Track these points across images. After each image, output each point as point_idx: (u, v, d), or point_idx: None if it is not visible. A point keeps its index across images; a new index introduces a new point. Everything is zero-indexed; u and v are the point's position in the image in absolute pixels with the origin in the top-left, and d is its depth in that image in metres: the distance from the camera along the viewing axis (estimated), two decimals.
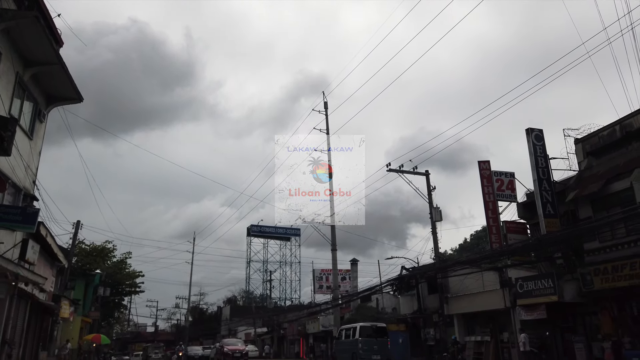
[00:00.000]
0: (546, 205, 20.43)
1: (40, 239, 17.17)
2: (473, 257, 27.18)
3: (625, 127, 18.91)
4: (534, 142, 21.33)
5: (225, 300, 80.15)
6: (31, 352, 19.66)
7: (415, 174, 28.76)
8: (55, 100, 16.95)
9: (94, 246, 44.64)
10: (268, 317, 54.29)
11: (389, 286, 30.71)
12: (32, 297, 17.57)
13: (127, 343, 73.27)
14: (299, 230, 67.33)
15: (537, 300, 19.71)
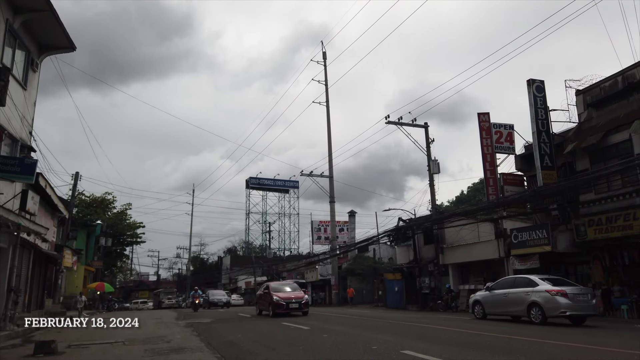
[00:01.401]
0: (544, 157, 20.46)
1: (40, 190, 17.28)
2: (469, 208, 27.49)
3: (627, 77, 18.65)
4: (534, 93, 21.09)
5: (225, 250, 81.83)
6: (37, 300, 20.23)
7: (414, 126, 28.66)
8: (48, 49, 16.58)
9: (93, 197, 45.04)
10: (267, 266, 55.51)
11: (386, 237, 31.29)
12: (35, 246, 17.88)
13: (131, 291, 75.15)
14: (297, 182, 67.75)
15: (531, 250, 20.13)
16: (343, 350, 8.49)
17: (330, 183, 36.95)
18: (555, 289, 14.20)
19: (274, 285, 20.83)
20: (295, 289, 20.22)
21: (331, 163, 37.45)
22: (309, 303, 20.09)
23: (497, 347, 8.56)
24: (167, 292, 52.76)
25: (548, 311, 13.88)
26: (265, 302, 19.63)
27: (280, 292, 19.37)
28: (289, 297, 18.75)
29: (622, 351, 7.95)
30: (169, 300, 48.46)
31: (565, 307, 13.67)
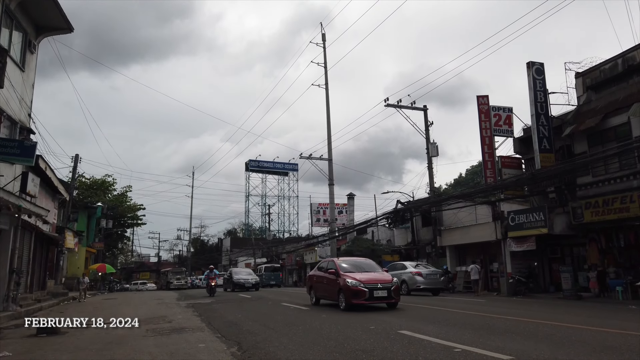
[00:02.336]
0: (542, 140, 20.50)
1: (40, 172, 17.34)
2: (467, 191, 27.63)
3: (627, 60, 18.56)
4: (534, 76, 21.02)
5: (225, 232, 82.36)
6: (39, 281, 20.46)
7: (413, 109, 28.60)
8: (45, 31, 16.48)
9: (94, 180, 45.10)
10: (267, 248, 55.89)
11: (384, 219, 31.47)
12: (36, 228, 18.02)
13: (132, 272, 75.76)
14: (297, 165, 67.77)
15: (528, 233, 20.30)
16: (342, 330, 8.65)
17: (329, 166, 36.94)
18: (415, 270, 20.84)
19: (344, 262, 14.12)
20: (375, 268, 14.13)
21: (330, 146, 37.39)
22: (399, 290, 13.43)
23: (497, 327, 8.73)
24: (176, 272, 49.18)
25: (410, 285, 20.42)
26: (329, 287, 13.45)
27: (356, 271, 13.11)
28: (373, 279, 12.47)
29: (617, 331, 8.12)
30: (178, 280, 45.49)
31: (420, 282, 20.47)
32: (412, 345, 6.78)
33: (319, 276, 14.53)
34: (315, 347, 6.86)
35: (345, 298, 12.28)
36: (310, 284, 15.30)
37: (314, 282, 14.89)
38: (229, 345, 7.39)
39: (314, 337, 7.94)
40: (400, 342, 7.12)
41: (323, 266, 14.72)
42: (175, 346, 7.38)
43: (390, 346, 6.77)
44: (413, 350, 6.37)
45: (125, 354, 6.82)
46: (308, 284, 15.78)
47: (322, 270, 14.46)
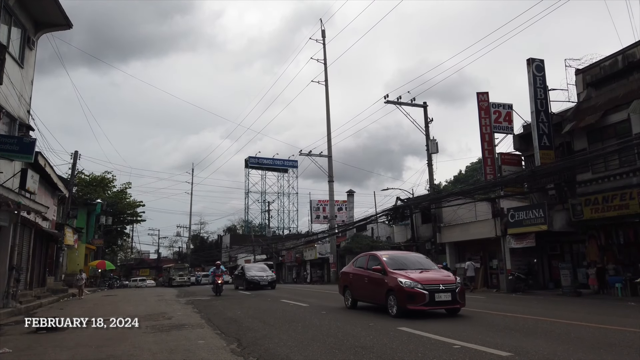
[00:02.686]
0: (542, 137, 20.48)
1: (40, 169, 17.32)
2: (467, 188, 27.64)
3: (627, 57, 18.53)
4: (534, 72, 20.99)
5: (225, 229, 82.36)
6: (38, 277, 20.46)
7: (413, 105, 28.57)
8: (44, 27, 16.43)
9: (93, 176, 45.10)
10: (267, 245, 55.92)
11: (384, 216, 31.50)
12: (36, 225, 18.01)
13: (132, 269, 75.86)
14: (296, 162, 67.80)
15: (528, 230, 20.31)
16: (341, 327, 8.67)
17: (329, 163, 37.00)
18: None
19: (390, 257, 11.44)
20: (430, 265, 11.34)
21: (330, 143, 37.44)
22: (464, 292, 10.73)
23: (496, 323, 8.74)
24: (179, 269, 47.18)
25: None
26: (372, 287, 11.02)
27: (407, 269, 10.57)
28: (432, 279, 9.99)
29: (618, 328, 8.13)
30: (181, 277, 43.80)
31: None
32: (411, 342, 6.79)
33: (356, 274, 12.04)
34: (314, 344, 6.88)
35: (397, 302, 9.82)
36: (345, 283, 12.68)
37: (350, 281, 12.30)
38: (229, 341, 7.40)
39: (314, 333, 7.95)
40: (400, 338, 7.14)
41: (361, 262, 12.25)
42: (175, 343, 7.39)
43: (389, 343, 6.79)
44: (412, 347, 6.38)
45: (125, 350, 6.82)
46: (341, 283, 13.13)
47: (360, 267, 12.06)
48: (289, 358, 5.92)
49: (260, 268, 27.30)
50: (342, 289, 12.95)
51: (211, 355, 6.31)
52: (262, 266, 28.65)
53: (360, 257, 12.80)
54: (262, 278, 24.93)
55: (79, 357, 6.33)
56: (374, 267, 11.06)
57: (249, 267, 26.80)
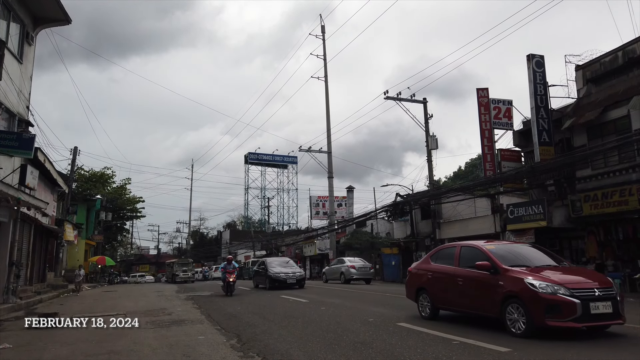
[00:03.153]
0: (542, 133, 20.46)
1: (39, 165, 17.31)
2: (466, 184, 27.65)
3: (628, 53, 18.49)
4: (534, 68, 20.95)
5: (225, 225, 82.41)
6: (38, 273, 20.50)
7: (412, 101, 28.53)
8: (43, 22, 16.39)
9: (93, 172, 45.10)
10: (266, 241, 55.99)
11: (383, 212, 31.51)
12: (36, 221, 18.02)
13: (132, 265, 75.97)
14: (296, 158, 67.75)
15: (527, 226, 20.32)
16: (341, 322, 8.69)
17: (328, 159, 36.98)
18: (350, 264, 25.99)
19: (498, 248, 8.39)
20: (559, 260, 8.43)
21: (329, 139, 37.41)
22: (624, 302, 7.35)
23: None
24: (182, 264, 43.73)
25: (347, 276, 25.41)
26: (472, 292, 8.06)
27: (532, 265, 7.70)
28: (581, 282, 6.99)
29: None
30: (185, 273, 41.23)
31: (354, 274, 25.46)
32: (410, 338, 6.82)
33: (440, 272, 8.86)
34: (314, 340, 6.90)
35: (528, 314, 6.69)
36: (420, 284, 9.40)
37: (429, 282, 9.10)
38: (229, 337, 7.42)
39: (313, 329, 7.97)
40: (399, 334, 7.16)
41: (449, 254, 8.97)
42: (174, 338, 7.41)
43: (388, 338, 6.81)
44: (412, 343, 6.40)
45: (125, 345, 6.85)
46: (413, 285, 9.71)
47: (446, 262, 8.87)
48: (289, 354, 5.94)
49: (285, 263, 23.09)
50: (414, 293, 9.61)
51: (211, 350, 6.33)
52: (286, 260, 24.07)
53: (445, 249, 9.60)
54: (288, 275, 20.89)
55: (79, 353, 6.35)
56: (481, 264, 7.71)
57: (271, 262, 22.63)
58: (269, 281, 20.77)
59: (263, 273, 21.86)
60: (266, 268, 21.47)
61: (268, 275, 20.94)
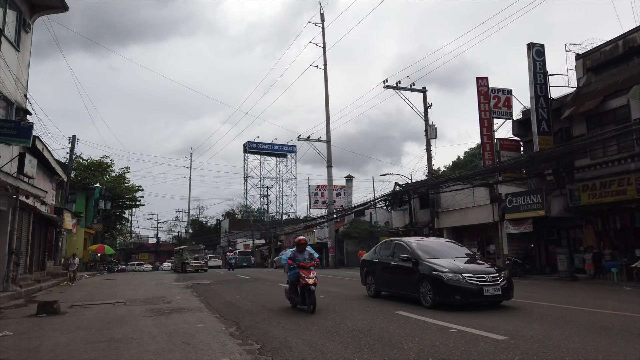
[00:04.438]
0: (541, 123, 20.43)
1: (37, 154, 17.28)
2: (465, 173, 27.66)
3: (628, 42, 18.40)
4: (534, 57, 20.85)
5: (224, 214, 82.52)
6: (38, 261, 20.56)
7: (412, 90, 28.43)
8: (40, 9, 16.24)
9: (91, 161, 45.04)
10: (265, 229, 56.12)
11: (382, 201, 31.57)
12: (34, 209, 18.03)
13: (131, 253, 76.22)
14: (295, 147, 67.74)
15: (525, 215, 20.39)
16: (339, 311, 8.75)
17: (327, 148, 36.95)
18: None
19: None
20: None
21: (329, 128, 37.34)
22: None
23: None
24: (193, 251, 36.28)
25: None
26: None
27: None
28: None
29: None
30: (196, 261, 33.89)
31: None
32: (408, 326, 6.87)
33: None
34: (312, 327, 6.95)
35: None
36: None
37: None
38: (228, 325, 7.47)
39: (312, 317, 8.03)
40: (397, 322, 7.21)
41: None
42: (174, 326, 7.46)
43: (387, 326, 6.86)
44: (409, 331, 6.45)
45: (125, 333, 6.89)
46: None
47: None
48: (288, 341, 5.99)
49: (455, 249, 10.60)
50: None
51: (210, 338, 6.37)
52: (455, 247, 10.85)
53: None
54: (483, 280, 8.69)
55: (79, 340, 6.39)
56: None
57: (426, 249, 10.10)
58: (433, 286, 8.86)
59: (410, 269, 9.62)
60: (418, 261, 9.48)
61: (430, 278, 9.00)
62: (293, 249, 9.65)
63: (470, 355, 4.96)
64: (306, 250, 9.39)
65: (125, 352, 5.62)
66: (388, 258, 10.63)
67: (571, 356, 4.86)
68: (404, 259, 9.69)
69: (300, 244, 9.38)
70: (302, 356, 5.18)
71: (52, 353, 5.69)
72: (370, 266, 11.49)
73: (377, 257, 11.31)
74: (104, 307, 10.54)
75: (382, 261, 10.91)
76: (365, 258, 12.25)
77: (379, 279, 10.93)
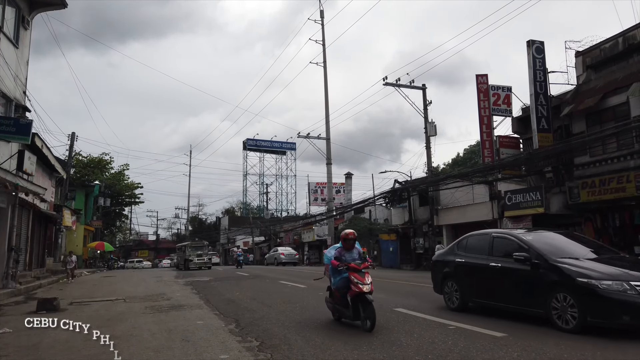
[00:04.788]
0: (541, 120, 20.42)
1: (37, 151, 17.26)
2: (465, 171, 27.67)
3: (628, 39, 18.36)
4: (534, 54, 20.82)
5: (223, 211, 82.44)
6: (37, 258, 20.56)
7: (411, 87, 28.41)
8: (39, 6, 16.21)
9: (91, 158, 45.02)
10: (265, 227, 56.13)
11: (381, 199, 31.58)
12: (34, 206, 18.03)
13: (131, 250, 76.21)
14: (295, 144, 67.62)
15: (524, 212, 20.40)
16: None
17: (327, 145, 36.92)
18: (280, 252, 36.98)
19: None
20: None
21: (328, 125, 37.30)
22: None
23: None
24: (196, 247, 33.86)
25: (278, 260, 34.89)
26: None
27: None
28: None
29: None
30: (200, 258, 31.87)
31: (283, 259, 35.84)
32: (407, 323, 6.89)
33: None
34: (312, 324, 6.97)
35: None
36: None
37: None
38: (227, 322, 7.49)
39: (311, 314, 8.05)
40: (396, 319, 7.24)
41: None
42: (173, 323, 7.47)
43: (386, 323, 6.88)
44: (409, 328, 6.47)
45: (125, 330, 6.90)
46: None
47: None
48: (287, 338, 6.01)
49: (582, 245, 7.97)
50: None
51: (210, 335, 6.39)
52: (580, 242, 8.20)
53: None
54: None
55: (78, 338, 6.38)
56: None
57: (551, 244, 7.40)
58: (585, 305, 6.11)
59: (517, 273, 7.25)
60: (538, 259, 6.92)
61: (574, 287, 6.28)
62: (337, 246, 7.59)
63: (469, 352, 4.98)
64: (355, 248, 7.42)
65: (125, 348, 5.64)
66: (483, 258, 7.92)
67: (569, 353, 4.88)
68: (518, 258, 7.00)
69: (348, 239, 7.32)
70: (301, 353, 5.19)
71: (52, 350, 5.71)
72: (451, 268, 8.70)
73: (462, 257, 8.54)
74: (103, 304, 10.55)
75: (472, 262, 8.21)
76: (441, 258, 9.52)
77: (469, 286, 8.19)
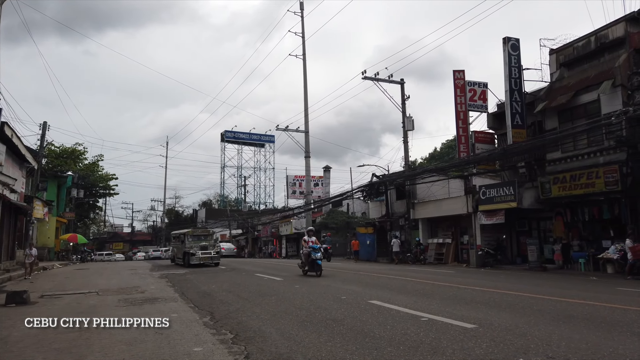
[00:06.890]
0: (515, 116, 20.80)
1: (6, 140, 16.80)
2: (441, 165, 28.03)
3: (599, 38, 18.83)
4: (509, 51, 21.16)
5: (200, 203, 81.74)
6: (7, 251, 20.05)
7: (390, 82, 28.57)
8: None
9: (63, 148, 43.98)
10: (243, 219, 55.88)
11: (359, 192, 31.78)
12: (3, 197, 17.55)
13: (105, 242, 74.92)
14: (273, 137, 67.36)
15: (498, 206, 20.80)
16: (314, 300, 8.82)
17: (305, 138, 36.87)
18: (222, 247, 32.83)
19: None
20: None
21: (307, 118, 37.24)
22: None
23: (464, 297, 9.02)
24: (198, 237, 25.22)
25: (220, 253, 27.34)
26: None
27: None
28: None
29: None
30: (205, 251, 23.48)
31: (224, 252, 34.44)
32: (381, 315, 6.98)
33: None
34: (287, 317, 7.00)
35: None
36: None
37: None
38: (202, 315, 7.46)
39: (286, 307, 8.08)
40: (370, 311, 7.32)
41: None
42: (147, 316, 7.39)
43: (360, 315, 6.96)
44: (382, 320, 6.56)
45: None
46: None
47: None
48: (262, 331, 6.02)
49: None
50: None
51: (184, 328, 6.36)
52: None
53: None
54: None
55: (49, 331, 6.29)
56: None
57: None
58: None
59: None
60: None
61: None
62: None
63: (439, 343, 5.08)
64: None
65: (96, 342, 5.57)
66: None
67: (536, 343, 5.03)
68: None
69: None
70: (275, 345, 5.22)
71: (21, 343, 5.60)
72: None
73: None
74: (75, 297, 10.39)
75: None
76: None
77: None
